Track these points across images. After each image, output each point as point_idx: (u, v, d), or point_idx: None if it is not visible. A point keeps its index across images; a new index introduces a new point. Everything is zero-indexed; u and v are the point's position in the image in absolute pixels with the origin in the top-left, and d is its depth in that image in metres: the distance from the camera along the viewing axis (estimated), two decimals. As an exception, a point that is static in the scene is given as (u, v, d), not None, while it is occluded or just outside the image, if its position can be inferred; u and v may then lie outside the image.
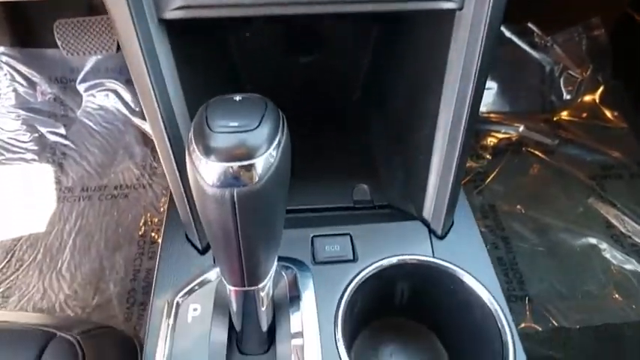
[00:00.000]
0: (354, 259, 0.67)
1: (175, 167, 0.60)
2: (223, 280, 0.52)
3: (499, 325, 0.59)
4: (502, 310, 0.60)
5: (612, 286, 1.26)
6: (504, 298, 0.62)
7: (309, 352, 0.59)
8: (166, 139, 0.58)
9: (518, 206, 1.38)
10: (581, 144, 1.50)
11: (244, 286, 0.50)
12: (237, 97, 0.41)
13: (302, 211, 0.76)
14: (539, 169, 1.46)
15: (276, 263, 0.53)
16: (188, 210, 0.64)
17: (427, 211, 0.69)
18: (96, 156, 1.50)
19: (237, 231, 0.42)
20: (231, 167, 0.37)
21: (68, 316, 1.19)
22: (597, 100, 1.57)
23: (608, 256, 1.31)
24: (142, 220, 1.37)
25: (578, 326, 1.19)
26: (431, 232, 0.70)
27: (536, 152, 1.49)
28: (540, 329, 1.19)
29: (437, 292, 0.67)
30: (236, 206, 0.39)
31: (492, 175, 1.43)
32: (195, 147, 0.38)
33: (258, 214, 0.42)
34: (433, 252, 0.68)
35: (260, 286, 0.51)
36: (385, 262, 0.65)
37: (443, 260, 0.65)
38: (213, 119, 0.38)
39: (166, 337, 0.60)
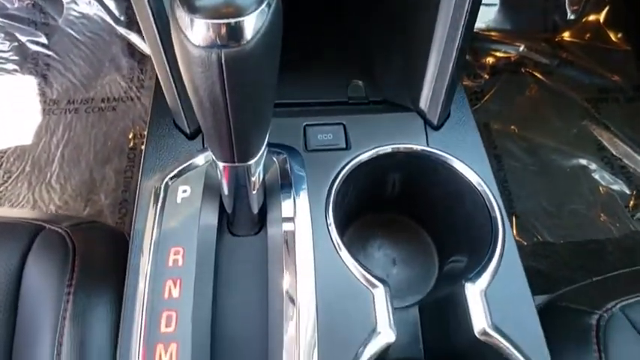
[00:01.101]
0: (347, 148, 0.66)
1: (160, 45, 0.57)
2: (213, 158, 0.51)
3: (488, 205, 0.60)
4: (492, 193, 0.61)
5: (599, 205, 1.28)
6: (496, 184, 0.61)
7: (300, 236, 0.59)
8: (149, 10, 0.54)
9: (512, 126, 1.37)
10: (581, 66, 1.47)
11: (234, 162, 0.49)
12: None
13: (294, 105, 0.74)
14: (536, 90, 1.43)
15: (266, 143, 0.51)
16: (175, 92, 0.62)
17: (424, 101, 0.67)
18: (81, 67, 1.44)
19: (225, 98, 0.40)
20: (218, 24, 0.35)
21: (57, 213, 1.19)
22: (601, 21, 1.52)
23: (596, 176, 1.32)
24: (132, 133, 1.35)
25: (562, 241, 1.23)
26: (426, 123, 0.68)
27: (535, 73, 1.45)
28: (525, 243, 1.22)
29: (428, 183, 0.67)
30: (223, 69, 0.37)
31: (489, 94, 1.41)
32: (178, 5, 0.35)
33: (247, 80, 0.40)
34: (428, 142, 0.67)
35: (250, 162, 0.50)
36: (378, 150, 0.64)
37: (436, 149, 0.65)
38: None
39: (155, 216, 0.59)
